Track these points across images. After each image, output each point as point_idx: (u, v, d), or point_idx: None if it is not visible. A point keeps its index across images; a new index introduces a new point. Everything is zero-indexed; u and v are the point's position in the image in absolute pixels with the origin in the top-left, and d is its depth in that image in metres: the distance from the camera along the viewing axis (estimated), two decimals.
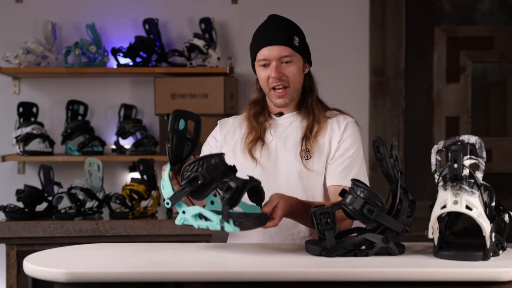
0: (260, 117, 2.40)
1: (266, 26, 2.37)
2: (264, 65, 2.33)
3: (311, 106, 2.38)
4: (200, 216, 1.98)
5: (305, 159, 2.32)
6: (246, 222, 1.95)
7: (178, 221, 2.03)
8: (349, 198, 1.97)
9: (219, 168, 1.96)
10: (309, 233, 2.32)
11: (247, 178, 1.99)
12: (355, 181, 2.00)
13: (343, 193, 2.03)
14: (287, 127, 2.39)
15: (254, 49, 2.36)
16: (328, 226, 1.94)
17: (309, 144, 2.33)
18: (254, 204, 2.05)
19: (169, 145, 2.03)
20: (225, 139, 2.43)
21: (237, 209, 2.06)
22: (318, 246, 1.96)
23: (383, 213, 1.95)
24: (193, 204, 2.05)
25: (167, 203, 1.99)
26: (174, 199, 1.98)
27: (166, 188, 2.01)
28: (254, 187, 2.00)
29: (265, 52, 2.31)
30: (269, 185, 2.28)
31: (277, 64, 2.31)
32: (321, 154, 2.33)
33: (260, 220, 1.99)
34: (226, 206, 1.90)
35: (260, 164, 2.34)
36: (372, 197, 1.95)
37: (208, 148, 2.45)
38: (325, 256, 1.93)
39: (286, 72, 2.32)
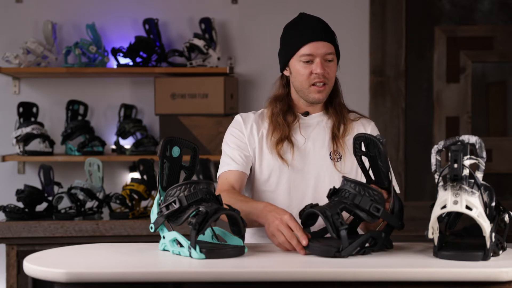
0: (288, 116, 2.36)
1: (307, 22, 2.34)
2: (307, 61, 2.29)
3: (339, 107, 2.39)
4: (177, 241, 1.98)
5: (337, 161, 2.31)
6: (216, 250, 1.92)
7: (160, 246, 2.05)
8: (358, 199, 1.95)
9: (198, 195, 1.95)
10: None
11: (226, 207, 1.98)
12: (345, 178, 2.00)
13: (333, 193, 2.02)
14: (314, 127, 2.37)
15: (297, 43, 2.31)
16: (343, 227, 1.92)
17: (339, 145, 2.32)
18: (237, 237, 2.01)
19: (159, 171, 2.03)
20: (251, 134, 2.36)
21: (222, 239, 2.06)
22: (327, 246, 1.93)
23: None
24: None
25: (151, 228, 2.00)
26: (156, 223, 2.00)
27: (153, 214, 2.02)
28: (232, 217, 1.98)
29: (311, 48, 2.28)
30: (297, 186, 2.29)
31: (322, 61, 2.29)
32: (351, 156, 2.29)
33: (233, 251, 1.94)
34: (193, 231, 1.89)
35: (292, 166, 2.31)
36: (376, 195, 1.95)
37: (235, 141, 2.36)
38: (339, 257, 1.90)
39: (329, 69, 2.31)
